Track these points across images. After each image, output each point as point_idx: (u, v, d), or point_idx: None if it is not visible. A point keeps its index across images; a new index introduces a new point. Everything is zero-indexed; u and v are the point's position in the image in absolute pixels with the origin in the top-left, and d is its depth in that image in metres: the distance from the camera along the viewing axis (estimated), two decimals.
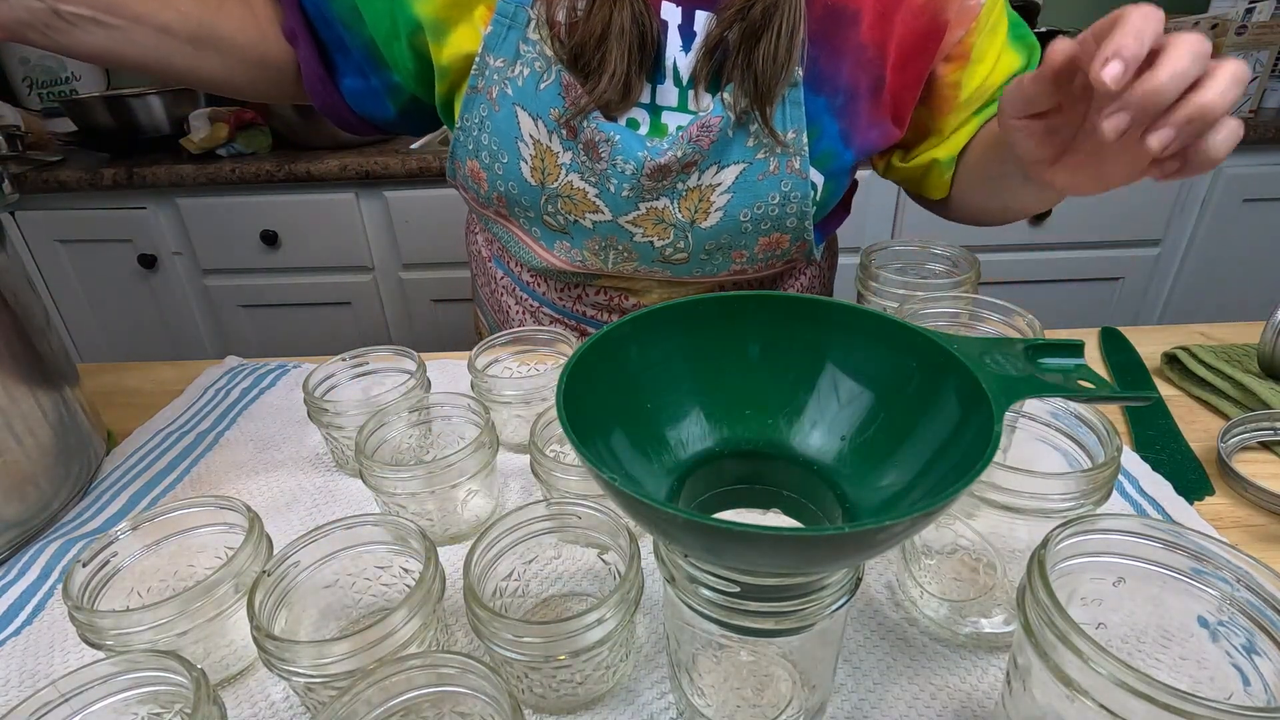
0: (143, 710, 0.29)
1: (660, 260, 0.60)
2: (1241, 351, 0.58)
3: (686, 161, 0.53)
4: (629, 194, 0.55)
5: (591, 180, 0.55)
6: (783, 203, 0.56)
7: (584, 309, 0.67)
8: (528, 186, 0.57)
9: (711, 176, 0.55)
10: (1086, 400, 0.27)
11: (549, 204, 0.58)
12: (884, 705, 0.33)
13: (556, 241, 0.61)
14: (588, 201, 0.56)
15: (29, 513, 0.45)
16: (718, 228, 0.57)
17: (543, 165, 0.55)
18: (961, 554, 0.36)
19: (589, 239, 0.59)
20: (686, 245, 0.58)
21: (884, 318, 0.30)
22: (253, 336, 1.58)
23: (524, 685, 0.33)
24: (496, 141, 0.56)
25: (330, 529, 0.35)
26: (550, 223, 0.60)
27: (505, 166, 0.57)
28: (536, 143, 0.55)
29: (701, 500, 0.31)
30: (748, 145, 0.54)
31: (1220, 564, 0.25)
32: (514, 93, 0.54)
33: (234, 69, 0.59)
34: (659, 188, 0.55)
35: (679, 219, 0.57)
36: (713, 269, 0.61)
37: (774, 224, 0.58)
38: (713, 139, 0.52)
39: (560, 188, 0.56)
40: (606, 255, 0.61)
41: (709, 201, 0.56)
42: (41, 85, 1.73)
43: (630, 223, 0.57)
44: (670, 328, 0.30)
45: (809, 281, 0.73)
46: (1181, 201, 1.39)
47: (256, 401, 0.61)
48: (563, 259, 0.62)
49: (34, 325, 0.47)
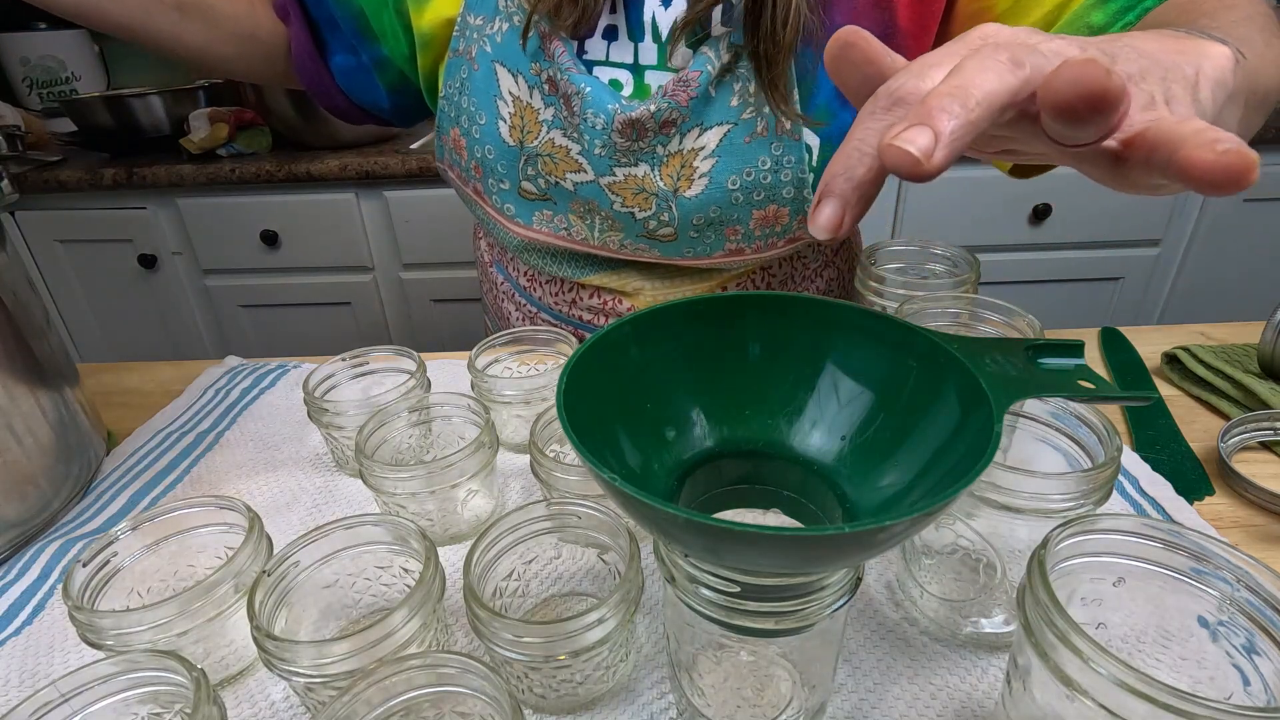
0: (143, 710, 0.29)
1: (646, 235, 0.57)
2: (1241, 351, 0.58)
3: (664, 120, 0.51)
4: (601, 151, 0.53)
5: (574, 137, 0.53)
6: (775, 168, 0.53)
7: (579, 313, 0.67)
8: (505, 148, 0.56)
9: (694, 140, 0.52)
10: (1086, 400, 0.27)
11: (528, 166, 0.56)
12: (884, 705, 0.33)
13: (536, 212, 0.59)
14: (570, 160, 0.54)
15: (29, 513, 0.45)
16: (704, 197, 0.54)
17: (522, 123, 0.54)
18: (961, 554, 0.35)
19: (572, 201, 0.57)
20: (672, 218, 0.55)
21: (884, 318, 0.30)
22: (253, 336, 1.58)
23: (524, 685, 0.33)
24: (475, 102, 0.55)
25: (330, 529, 0.35)
26: (529, 189, 0.58)
27: (483, 129, 0.55)
28: (516, 99, 0.54)
29: (701, 500, 0.31)
30: (731, 105, 0.51)
31: (1220, 564, 0.25)
32: (493, 50, 0.53)
33: (221, 41, 0.59)
34: (635, 149, 0.52)
35: (660, 187, 0.54)
36: (705, 248, 0.58)
37: (768, 194, 0.54)
38: (691, 95, 0.50)
39: (541, 145, 0.54)
40: (592, 221, 0.58)
41: (692, 168, 0.53)
42: (41, 85, 1.73)
43: (609, 189, 0.55)
44: (670, 328, 0.30)
45: (826, 285, 0.71)
46: (1181, 201, 1.39)
47: (256, 401, 0.61)
48: (545, 230, 0.60)
49: (34, 325, 0.47)
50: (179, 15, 0.55)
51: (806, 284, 0.69)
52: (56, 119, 1.67)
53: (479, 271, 0.78)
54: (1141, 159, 0.23)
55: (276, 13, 0.61)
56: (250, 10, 0.59)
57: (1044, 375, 0.27)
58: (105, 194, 1.42)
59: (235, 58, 0.61)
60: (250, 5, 0.59)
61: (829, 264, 0.71)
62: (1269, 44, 0.40)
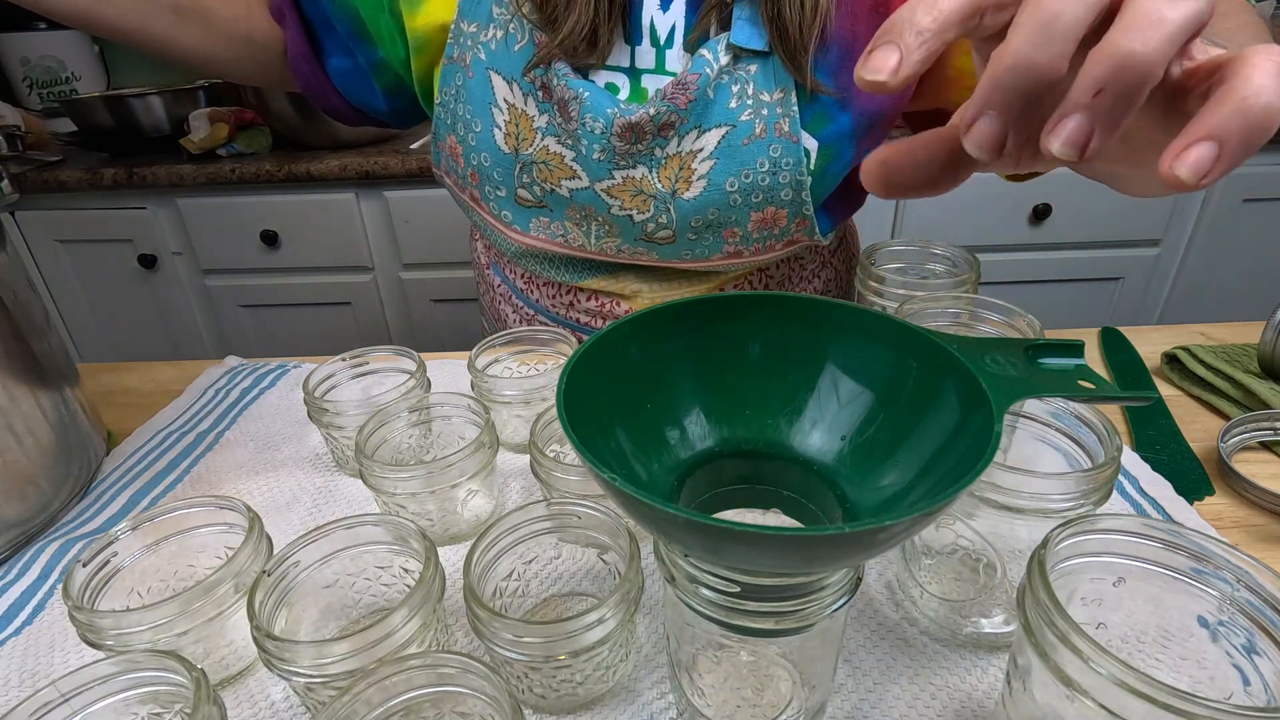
0: (143, 710, 0.29)
1: (644, 239, 0.57)
2: (1241, 351, 0.58)
3: (662, 123, 0.51)
4: (600, 156, 0.52)
5: (568, 144, 0.53)
6: (773, 170, 0.53)
7: (577, 315, 0.66)
8: (500, 155, 0.55)
9: (692, 142, 0.52)
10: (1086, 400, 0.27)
11: (523, 174, 0.56)
12: (884, 705, 0.33)
13: (533, 219, 0.59)
14: (565, 167, 0.54)
15: (29, 513, 0.45)
16: (702, 199, 0.54)
17: (517, 130, 0.54)
18: (961, 554, 0.35)
19: (568, 208, 0.57)
20: (670, 220, 0.55)
21: (884, 318, 0.30)
22: (253, 336, 1.58)
23: (524, 685, 0.33)
24: (470, 110, 0.55)
25: (330, 529, 0.35)
26: (525, 197, 0.58)
27: (478, 136, 0.55)
28: (511, 107, 0.54)
29: (701, 500, 0.31)
30: (730, 107, 0.51)
31: (1220, 564, 0.25)
32: (487, 57, 0.53)
33: (217, 43, 0.59)
34: (633, 151, 0.52)
35: (659, 189, 0.54)
36: (704, 251, 0.58)
37: (766, 196, 0.54)
38: (690, 98, 0.50)
39: (536, 153, 0.54)
40: (589, 228, 0.58)
41: (690, 169, 0.53)
42: (41, 85, 1.73)
43: (607, 192, 0.55)
44: (670, 328, 0.30)
45: (824, 285, 0.71)
46: (1181, 201, 1.39)
47: (256, 401, 0.61)
48: (542, 237, 0.60)
49: (34, 325, 0.47)
50: (175, 18, 0.55)
51: (804, 285, 0.69)
52: (56, 119, 1.67)
53: (475, 273, 0.78)
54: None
55: (272, 14, 0.61)
56: (247, 13, 0.59)
57: (1044, 375, 0.27)
58: (105, 194, 1.42)
59: (232, 60, 0.61)
60: (247, 7, 0.59)
61: (826, 264, 0.71)
62: None
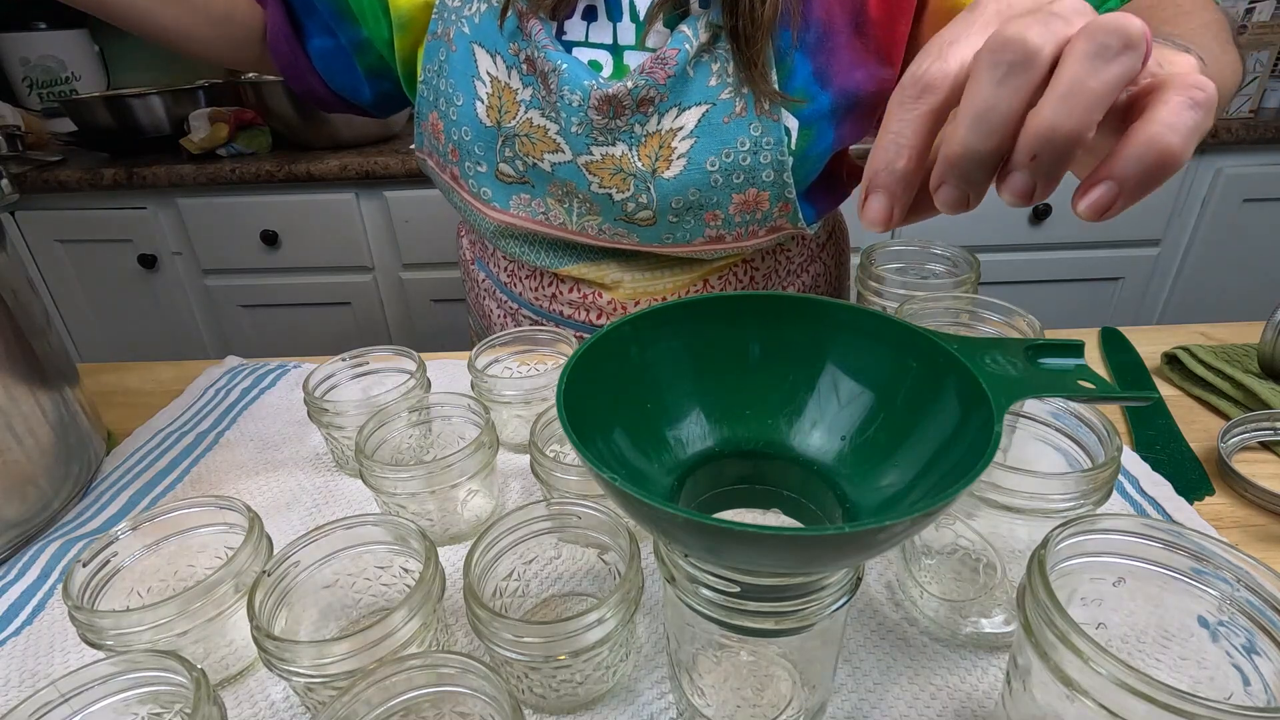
0: (143, 710, 0.29)
1: (624, 219, 0.57)
2: (1241, 351, 0.58)
3: (641, 97, 0.51)
4: (579, 129, 0.52)
5: (551, 116, 0.53)
6: (754, 149, 0.53)
7: (560, 308, 0.66)
8: (481, 129, 0.55)
9: (672, 120, 0.52)
10: (1086, 400, 0.27)
11: (505, 147, 0.56)
12: (884, 705, 0.33)
13: (514, 196, 0.59)
14: (548, 140, 0.54)
15: (29, 513, 0.45)
16: (683, 179, 0.54)
17: (500, 103, 0.54)
18: (961, 554, 0.35)
19: (550, 184, 0.57)
20: (650, 200, 0.55)
21: (884, 318, 0.30)
22: (253, 336, 1.58)
23: (524, 685, 0.33)
24: (452, 84, 0.55)
25: (330, 529, 0.35)
26: (507, 172, 0.58)
27: (459, 110, 0.55)
28: (494, 80, 0.54)
29: (701, 500, 0.31)
30: (710, 85, 0.51)
31: (1220, 564, 0.25)
32: (471, 31, 0.53)
33: (196, 23, 0.59)
34: (612, 127, 0.52)
35: (639, 168, 0.54)
36: (685, 234, 0.58)
37: (747, 177, 0.54)
38: (669, 73, 0.50)
39: (518, 125, 0.54)
40: (570, 205, 0.58)
41: (670, 148, 0.53)
42: (41, 85, 1.73)
43: (587, 169, 0.55)
44: (670, 328, 0.30)
45: (812, 279, 0.71)
46: (1181, 201, 1.39)
47: (256, 401, 0.61)
48: (523, 215, 0.60)
49: (34, 325, 0.47)
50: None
51: (792, 279, 0.69)
52: (56, 119, 1.67)
53: (461, 270, 0.78)
54: None
55: None
56: None
57: (1044, 375, 0.27)
58: (105, 194, 1.42)
59: (211, 39, 0.61)
60: None
61: (815, 259, 0.71)
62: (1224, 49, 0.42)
